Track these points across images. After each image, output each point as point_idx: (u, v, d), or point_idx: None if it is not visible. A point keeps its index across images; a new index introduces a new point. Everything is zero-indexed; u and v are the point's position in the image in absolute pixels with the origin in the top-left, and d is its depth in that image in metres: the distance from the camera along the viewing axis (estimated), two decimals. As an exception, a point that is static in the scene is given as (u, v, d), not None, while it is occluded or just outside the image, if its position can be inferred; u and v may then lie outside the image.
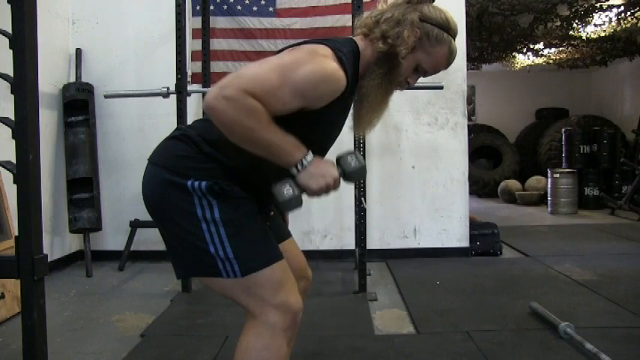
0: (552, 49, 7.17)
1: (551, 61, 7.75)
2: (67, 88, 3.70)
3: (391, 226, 3.91)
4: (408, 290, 3.03)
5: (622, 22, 5.74)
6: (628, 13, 5.57)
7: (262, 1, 3.78)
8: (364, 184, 3.03)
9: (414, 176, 3.91)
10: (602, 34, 6.18)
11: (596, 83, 9.42)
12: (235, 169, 1.21)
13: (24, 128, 1.35)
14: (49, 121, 3.61)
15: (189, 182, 1.18)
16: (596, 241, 4.46)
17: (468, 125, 4.07)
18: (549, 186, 6.51)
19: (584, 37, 6.39)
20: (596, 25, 5.96)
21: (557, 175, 6.42)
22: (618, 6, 5.44)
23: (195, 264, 1.23)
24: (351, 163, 1.19)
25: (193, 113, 3.59)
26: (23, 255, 1.35)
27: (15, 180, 1.36)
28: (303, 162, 1.14)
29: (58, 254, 3.64)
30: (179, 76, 3.06)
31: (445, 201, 3.91)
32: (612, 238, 4.62)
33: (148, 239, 3.67)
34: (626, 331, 2.31)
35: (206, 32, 3.59)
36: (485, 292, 2.97)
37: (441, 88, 3.20)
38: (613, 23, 5.82)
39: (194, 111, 3.65)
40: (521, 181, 7.81)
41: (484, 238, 3.97)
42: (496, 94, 9.58)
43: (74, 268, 3.70)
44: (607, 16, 5.69)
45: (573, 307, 2.65)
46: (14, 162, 1.36)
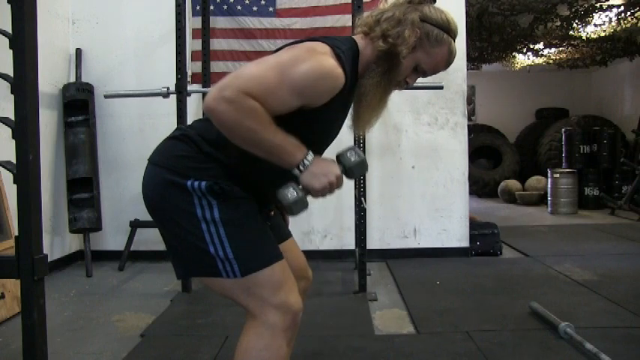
0: (552, 49, 7.17)
1: (551, 61, 7.74)
2: (67, 88, 3.70)
3: (391, 226, 3.91)
4: (408, 290, 3.03)
5: (622, 22, 5.74)
6: (628, 13, 5.57)
7: (262, 1, 3.78)
8: (364, 184, 3.03)
9: (414, 176, 3.91)
10: (602, 34, 6.18)
11: (596, 83, 9.42)
12: (235, 169, 1.21)
13: (24, 128, 1.35)
14: (49, 121, 3.61)
15: (189, 182, 1.18)
16: (596, 241, 4.46)
17: (468, 125, 4.07)
18: (549, 186, 6.51)
19: (584, 37, 6.39)
20: (596, 25, 5.96)
21: (557, 175, 6.42)
22: (618, 6, 5.44)
23: (195, 264, 1.23)
24: (351, 158, 1.19)
25: (193, 113, 3.59)
26: (23, 255, 1.35)
27: (15, 180, 1.36)
28: (305, 162, 1.14)
29: (58, 254, 3.64)
30: (179, 76, 3.06)
31: (445, 201, 3.91)
32: (612, 238, 4.62)
33: (148, 239, 3.67)
34: (626, 331, 2.31)
35: (206, 32, 3.59)
36: (485, 292, 2.97)
37: (441, 88, 3.20)
38: (613, 23, 5.82)
39: (194, 111, 3.65)
40: (521, 181, 7.81)
41: (484, 238, 3.97)
42: (496, 94, 9.58)
43: (74, 268, 3.70)
44: (607, 16, 5.69)
45: (573, 307, 2.65)
46: (14, 162, 1.36)
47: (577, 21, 5.86)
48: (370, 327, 2.46)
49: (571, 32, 6.24)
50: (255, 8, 3.79)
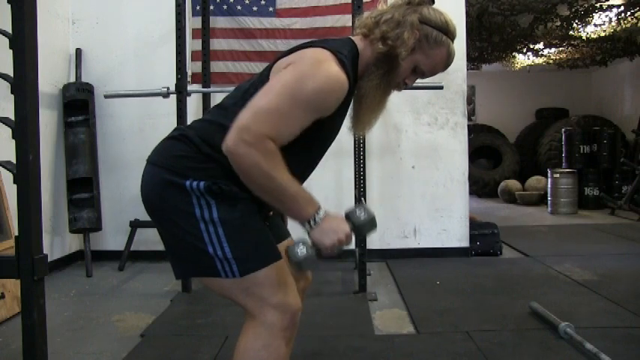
0: (552, 49, 7.17)
1: (551, 61, 7.74)
2: (67, 88, 3.70)
3: (391, 226, 3.91)
4: (408, 290, 3.03)
5: (622, 22, 5.74)
6: (628, 13, 5.57)
7: (262, 1, 3.78)
8: (364, 184, 3.03)
9: (414, 176, 3.91)
10: (602, 34, 6.18)
11: (596, 83, 9.41)
12: (234, 170, 1.21)
13: (24, 128, 1.35)
14: (49, 121, 3.61)
15: (187, 182, 1.18)
16: (596, 241, 4.46)
17: (468, 125, 4.07)
18: (549, 186, 6.51)
19: (584, 37, 6.39)
20: (596, 25, 5.96)
21: (557, 175, 6.42)
22: (618, 6, 5.44)
23: (194, 264, 1.23)
24: (361, 216, 1.18)
25: (193, 113, 3.59)
26: (23, 255, 1.35)
27: (15, 180, 1.36)
28: (316, 218, 1.14)
29: (58, 254, 3.64)
30: (179, 76, 3.06)
31: (445, 201, 3.91)
32: (612, 238, 4.62)
33: (148, 239, 3.66)
34: (626, 331, 2.31)
35: (206, 32, 3.59)
36: (485, 292, 2.97)
37: (441, 88, 3.20)
38: (613, 23, 5.82)
39: (194, 111, 3.66)
40: (521, 181, 7.81)
41: (484, 238, 3.97)
42: (496, 94, 9.57)
43: (74, 268, 3.70)
44: (607, 16, 5.69)
45: (573, 307, 2.65)
46: (14, 162, 1.36)
47: (577, 21, 5.86)
48: (370, 327, 2.46)
49: (571, 32, 6.24)
50: (255, 8, 3.79)
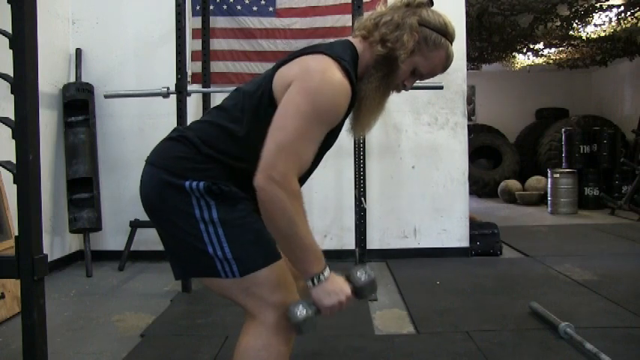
0: (552, 49, 7.17)
1: (551, 61, 7.74)
2: (67, 88, 3.70)
3: (391, 226, 3.91)
4: (408, 290, 3.03)
5: (622, 22, 5.74)
6: (628, 13, 5.57)
7: (262, 1, 3.78)
8: (364, 184, 3.03)
9: (414, 176, 3.91)
10: (602, 34, 6.18)
11: (596, 83, 9.41)
12: (234, 170, 1.22)
13: (24, 128, 1.35)
14: (49, 121, 3.61)
15: (187, 183, 1.18)
16: (596, 241, 4.46)
17: (468, 125, 4.07)
18: (549, 186, 6.51)
19: (584, 37, 6.38)
20: (596, 25, 5.96)
21: (557, 175, 6.42)
22: (618, 6, 5.44)
23: (194, 264, 1.23)
24: (362, 278, 1.18)
25: (193, 113, 3.59)
26: (23, 255, 1.35)
27: (15, 180, 1.36)
28: (321, 277, 1.14)
29: (58, 254, 3.64)
30: (179, 76, 3.06)
31: (445, 201, 3.91)
32: (612, 238, 4.62)
33: (148, 239, 3.66)
34: (626, 331, 2.31)
35: (206, 32, 3.59)
36: (485, 292, 2.97)
37: (441, 88, 3.20)
38: (613, 23, 5.82)
39: (194, 111, 3.66)
40: (521, 181, 7.80)
41: (484, 238, 3.97)
42: (496, 94, 9.57)
43: (74, 268, 3.70)
44: (607, 16, 5.69)
45: (573, 307, 2.65)
46: (14, 162, 1.36)
47: (577, 21, 5.85)
48: (370, 327, 2.46)
49: (571, 32, 6.24)
50: (255, 8, 3.79)
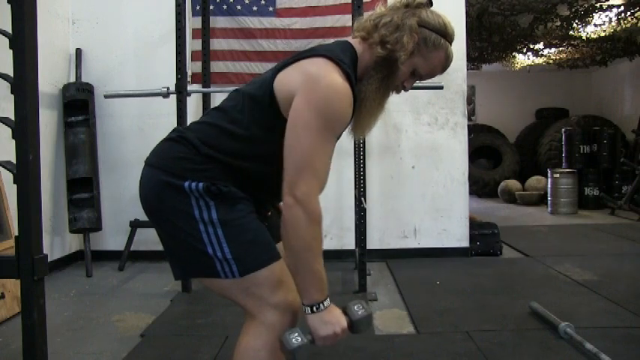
0: (552, 49, 7.17)
1: (551, 61, 7.74)
2: (67, 88, 3.70)
3: (391, 226, 3.91)
4: (408, 290, 3.03)
5: (622, 22, 5.74)
6: (628, 13, 5.57)
7: (262, 1, 3.78)
8: (364, 184, 3.03)
9: (414, 176, 3.91)
10: (602, 34, 6.18)
11: (596, 83, 9.41)
12: (233, 170, 1.22)
13: (24, 128, 1.34)
14: (49, 121, 3.61)
15: (186, 183, 1.18)
16: (596, 241, 4.46)
17: (468, 125, 4.07)
18: (549, 186, 6.51)
19: (584, 37, 6.38)
20: (596, 25, 5.95)
21: (557, 175, 6.42)
22: (618, 6, 5.43)
23: (193, 265, 1.23)
24: (358, 312, 1.18)
25: (193, 113, 3.59)
26: (23, 255, 1.34)
27: (15, 180, 1.36)
28: (320, 306, 1.14)
29: (58, 254, 3.64)
30: (179, 76, 3.06)
31: (445, 201, 3.91)
32: (612, 238, 4.62)
33: (148, 239, 3.66)
34: (626, 331, 2.31)
35: (206, 32, 3.59)
36: (485, 292, 2.97)
37: (441, 88, 3.20)
38: (613, 23, 5.82)
39: (194, 111, 3.66)
40: (521, 181, 7.80)
41: (484, 238, 3.97)
42: (496, 94, 9.57)
43: (74, 268, 3.70)
44: (607, 16, 5.69)
45: (573, 307, 2.65)
46: (14, 162, 1.36)
47: (577, 21, 5.85)
48: (370, 327, 2.45)
49: (571, 32, 6.23)
50: (255, 8, 3.79)
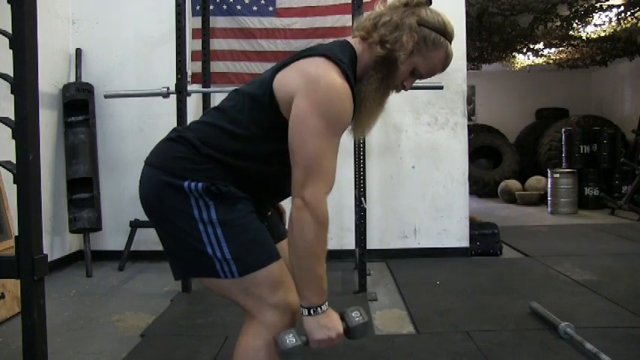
0: (552, 49, 7.17)
1: (551, 61, 7.74)
2: (67, 88, 3.70)
3: (391, 226, 3.91)
4: (408, 290, 3.03)
5: (622, 22, 5.74)
6: (628, 13, 5.57)
7: (262, 1, 3.78)
8: (364, 184, 3.03)
9: (414, 176, 3.91)
10: (602, 34, 6.18)
11: (596, 83, 9.41)
12: (233, 170, 1.22)
13: (24, 128, 1.34)
14: (49, 121, 3.61)
15: (185, 183, 1.18)
16: (596, 241, 4.46)
17: (468, 125, 4.07)
18: (549, 186, 6.51)
19: (584, 37, 6.38)
20: (596, 25, 5.95)
21: (557, 175, 6.42)
22: (618, 6, 5.43)
23: (193, 265, 1.23)
24: (355, 318, 1.18)
25: (193, 113, 3.59)
26: (23, 255, 1.34)
27: (15, 180, 1.36)
28: (318, 310, 1.14)
29: (58, 254, 3.64)
30: (179, 76, 3.06)
31: (445, 201, 3.91)
32: (612, 238, 4.62)
33: (148, 239, 3.66)
34: (626, 331, 2.31)
35: (206, 32, 3.59)
36: (485, 292, 2.97)
37: (441, 88, 3.20)
38: (613, 23, 5.82)
39: (194, 111, 3.65)
40: (521, 181, 7.80)
41: (484, 238, 3.97)
42: (496, 94, 9.57)
43: (74, 268, 3.70)
44: (607, 16, 5.69)
45: (573, 307, 2.65)
46: (14, 162, 1.36)
47: (577, 21, 5.85)
48: (370, 327, 2.45)
49: (571, 32, 6.23)
50: (255, 8, 3.79)
